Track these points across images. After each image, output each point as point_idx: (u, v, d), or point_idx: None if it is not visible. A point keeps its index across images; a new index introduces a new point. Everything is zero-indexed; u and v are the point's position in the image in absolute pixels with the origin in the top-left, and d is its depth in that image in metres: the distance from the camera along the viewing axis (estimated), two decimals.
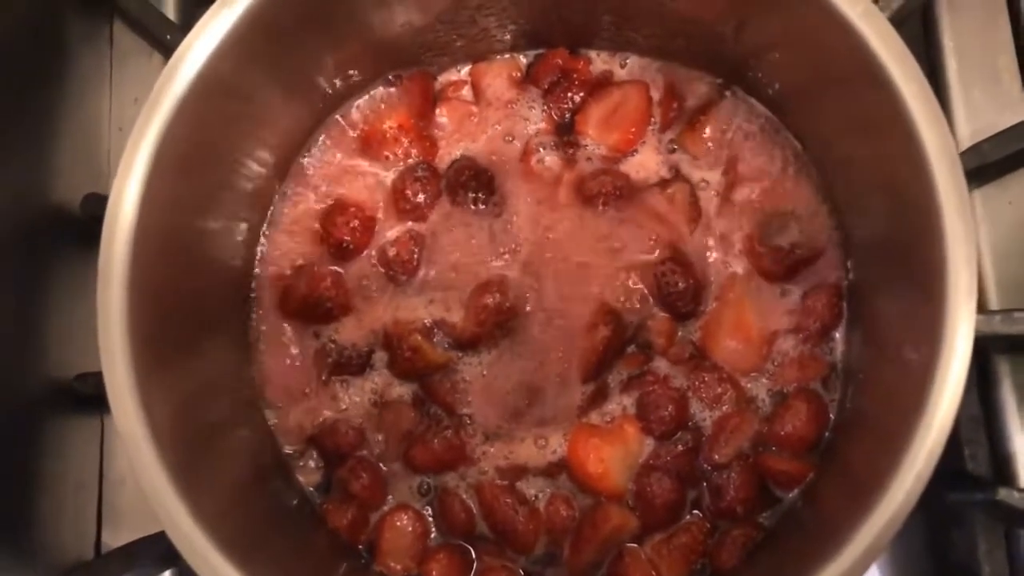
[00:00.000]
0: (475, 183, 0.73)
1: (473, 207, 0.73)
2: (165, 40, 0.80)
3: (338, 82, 0.73)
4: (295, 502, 0.71)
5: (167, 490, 0.56)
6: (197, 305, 0.66)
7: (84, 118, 0.82)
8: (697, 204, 0.72)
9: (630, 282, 0.71)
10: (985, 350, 0.74)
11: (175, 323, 0.63)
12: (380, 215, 0.74)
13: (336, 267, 0.73)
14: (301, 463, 0.73)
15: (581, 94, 0.74)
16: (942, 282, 0.55)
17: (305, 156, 0.75)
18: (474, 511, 0.70)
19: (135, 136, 0.58)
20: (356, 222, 0.72)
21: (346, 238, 0.72)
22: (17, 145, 0.75)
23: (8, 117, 0.74)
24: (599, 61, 0.76)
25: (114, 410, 0.57)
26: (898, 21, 0.70)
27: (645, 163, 0.74)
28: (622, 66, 0.76)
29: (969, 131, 0.78)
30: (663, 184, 0.73)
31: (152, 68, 0.84)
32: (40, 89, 0.78)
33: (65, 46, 0.81)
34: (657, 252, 0.71)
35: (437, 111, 0.76)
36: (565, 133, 0.75)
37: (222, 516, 0.58)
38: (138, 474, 0.56)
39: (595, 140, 0.74)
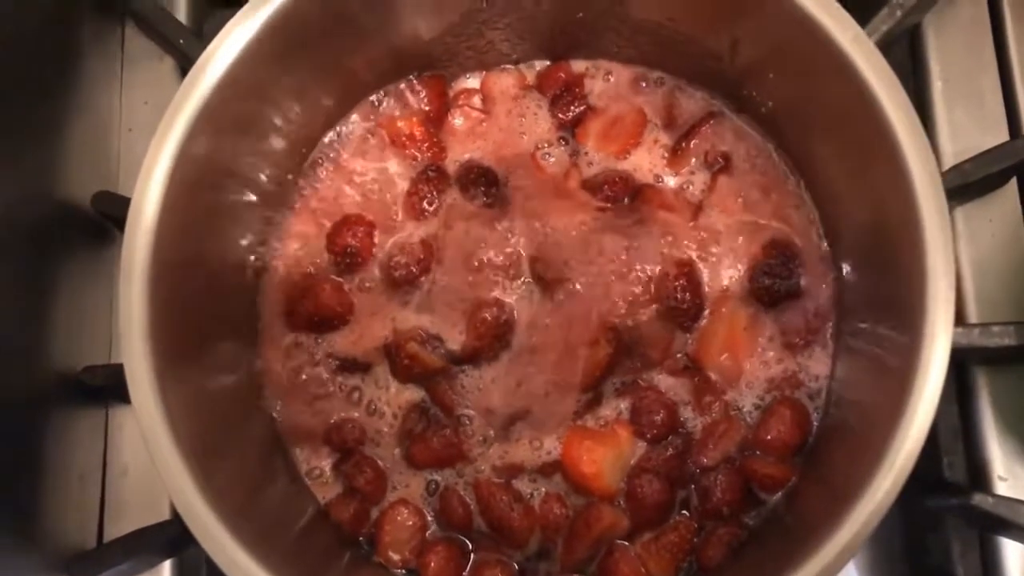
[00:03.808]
0: (483, 180, 0.74)
1: (484, 199, 0.74)
2: (177, 44, 0.81)
3: (352, 87, 0.74)
4: (300, 495, 0.73)
5: (184, 478, 0.58)
6: (211, 304, 0.68)
7: (95, 119, 0.83)
8: (698, 204, 0.74)
9: (636, 290, 0.71)
10: (964, 362, 0.76)
11: (190, 320, 0.64)
12: (389, 218, 0.75)
13: (342, 278, 0.74)
14: (308, 460, 0.74)
15: (583, 107, 0.77)
16: (922, 295, 0.57)
17: (317, 158, 0.76)
18: (472, 507, 0.71)
19: (157, 140, 0.60)
20: (361, 231, 0.74)
21: (353, 245, 0.74)
22: (29, 143, 0.75)
23: (21, 116, 0.74)
24: (599, 76, 0.78)
25: (134, 400, 0.58)
26: (887, 43, 0.72)
27: (640, 165, 0.76)
28: (619, 80, 0.78)
29: (952, 150, 0.79)
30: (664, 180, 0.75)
31: (163, 71, 0.85)
32: (52, 90, 0.78)
33: (77, 48, 0.82)
34: (667, 255, 0.72)
35: (449, 116, 0.77)
36: (568, 141, 0.77)
37: (234, 506, 0.59)
38: (156, 462, 0.58)
39: (595, 151, 0.76)
